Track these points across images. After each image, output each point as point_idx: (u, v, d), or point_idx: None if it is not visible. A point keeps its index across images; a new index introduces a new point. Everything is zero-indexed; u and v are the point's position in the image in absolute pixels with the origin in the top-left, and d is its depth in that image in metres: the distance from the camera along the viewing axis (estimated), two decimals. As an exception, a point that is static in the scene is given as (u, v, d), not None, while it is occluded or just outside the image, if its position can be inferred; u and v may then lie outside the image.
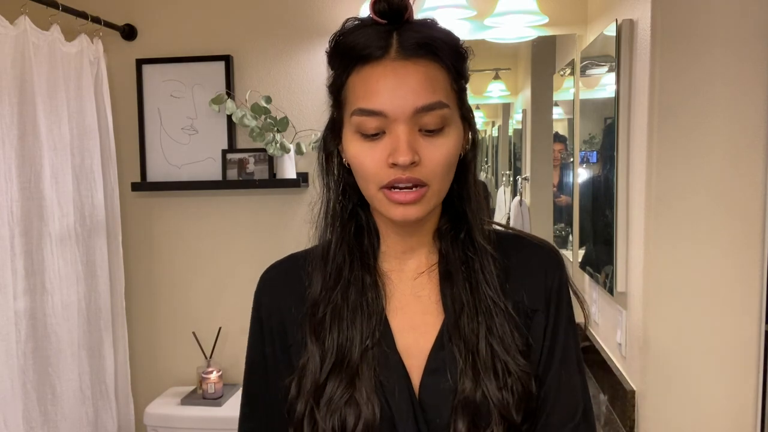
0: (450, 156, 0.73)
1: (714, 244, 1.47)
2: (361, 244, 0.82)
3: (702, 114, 1.45)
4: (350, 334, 0.78)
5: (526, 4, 2.03)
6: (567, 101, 2.25)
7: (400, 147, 0.70)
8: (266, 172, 2.22)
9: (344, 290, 0.80)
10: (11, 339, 1.77)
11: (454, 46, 0.75)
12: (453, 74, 0.74)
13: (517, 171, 2.41)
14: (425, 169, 0.72)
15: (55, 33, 1.98)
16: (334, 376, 0.76)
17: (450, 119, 0.73)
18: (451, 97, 0.73)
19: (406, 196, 0.72)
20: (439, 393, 0.77)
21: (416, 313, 0.81)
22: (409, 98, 0.70)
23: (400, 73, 0.71)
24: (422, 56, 0.72)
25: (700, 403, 1.51)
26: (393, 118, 0.71)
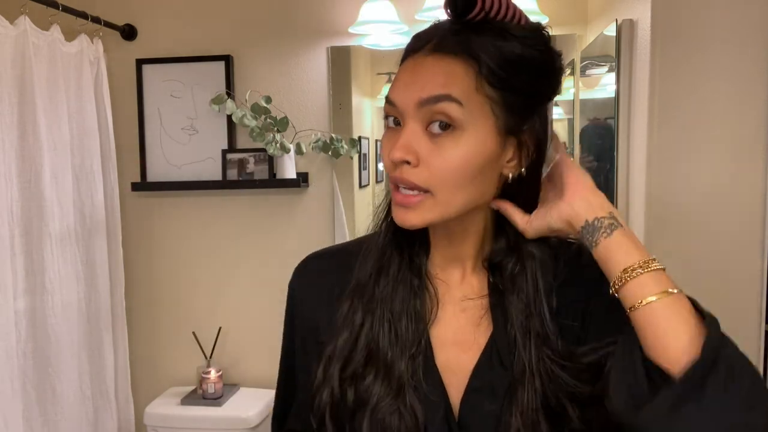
0: (459, 164, 0.66)
1: (714, 243, 1.47)
2: (412, 244, 0.77)
3: (702, 114, 1.45)
4: (393, 337, 0.74)
5: (526, 4, 2.03)
6: (567, 101, 2.25)
7: (396, 142, 0.67)
8: (266, 172, 2.22)
9: (392, 287, 0.75)
10: (11, 339, 1.77)
11: (508, 53, 0.66)
12: (486, 75, 0.66)
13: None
14: (425, 174, 0.67)
15: (55, 33, 1.98)
16: (377, 378, 0.73)
17: (463, 121, 0.66)
18: (472, 98, 0.66)
19: (403, 199, 0.68)
20: (481, 415, 0.73)
21: (460, 327, 0.77)
22: (416, 90, 0.67)
23: (420, 66, 0.68)
24: (451, 52, 0.67)
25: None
26: (402, 110, 0.68)
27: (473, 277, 0.78)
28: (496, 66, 0.66)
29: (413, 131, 0.67)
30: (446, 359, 0.75)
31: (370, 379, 0.73)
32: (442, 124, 0.66)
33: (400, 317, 0.74)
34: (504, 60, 0.66)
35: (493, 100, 0.67)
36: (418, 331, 0.74)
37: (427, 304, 0.76)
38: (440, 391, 0.74)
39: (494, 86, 0.66)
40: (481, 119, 0.67)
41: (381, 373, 0.73)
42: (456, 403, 0.74)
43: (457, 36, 0.67)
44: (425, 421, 0.72)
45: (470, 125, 0.66)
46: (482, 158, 0.67)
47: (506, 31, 0.67)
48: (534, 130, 0.70)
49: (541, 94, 0.71)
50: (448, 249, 0.78)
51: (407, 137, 0.67)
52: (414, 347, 0.73)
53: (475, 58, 0.66)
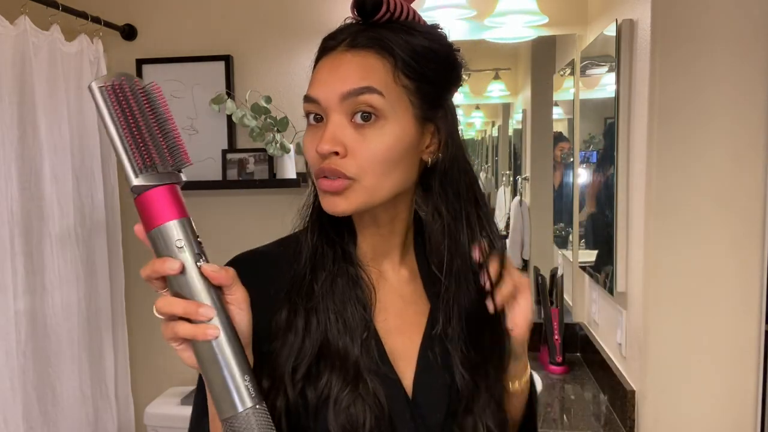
0: (384, 151, 0.70)
1: (714, 244, 1.47)
2: (342, 236, 0.80)
3: (702, 114, 1.45)
4: (341, 326, 0.75)
5: (526, 4, 2.03)
6: (567, 101, 2.25)
7: (323, 135, 0.70)
8: (266, 172, 2.22)
9: (331, 280, 0.77)
10: (11, 339, 1.77)
11: (417, 46, 0.72)
12: (401, 68, 0.71)
13: (517, 171, 2.41)
14: (351, 162, 0.70)
15: (55, 33, 1.98)
16: (333, 372, 0.73)
17: (385, 111, 0.70)
18: (391, 89, 0.70)
19: (330, 185, 0.71)
20: (433, 391, 0.77)
21: (399, 313, 0.81)
22: (338, 84, 0.70)
23: (338, 62, 0.72)
24: (367, 48, 0.71)
25: (700, 403, 1.51)
26: (325, 106, 0.71)
27: (403, 265, 0.83)
28: (409, 58, 0.71)
29: (338, 124, 0.70)
30: (393, 346, 0.78)
31: (327, 374, 0.73)
32: (365, 115, 0.70)
33: (345, 306, 0.76)
34: (415, 52, 0.72)
35: (409, 90, 0.72)
36: (364, 317, 0.76)
37: (366, 292, 0.78)
38: (393, 374, 0.77)
39: (409, 77, 0.72)
40: (400, 108, 0.71)
41: (336, 364, 0.74)
42: (409, 386, 0.77)
43: (369, 33, 0.72)
44: (388, 402, 0.74)
45: (391, 114, 0.71)
46: (404, 145, 0.72)
47: (411, 27, 0.73)
48: (448, 117, 0.76)
49: (449, 83, 0.76)
50: (376, 238, 0.80)
51: (333, 130, 0.70)
52: (364, 332, 0.76)
53: (389, 52, 0.71)
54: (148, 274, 0.63)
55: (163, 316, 0.63)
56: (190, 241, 0.63)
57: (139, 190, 0.62)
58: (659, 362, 1.51)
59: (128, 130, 0.61)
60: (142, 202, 0.63)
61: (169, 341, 0.64)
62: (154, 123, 0.63)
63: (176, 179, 0.64)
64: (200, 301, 0.62)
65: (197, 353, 0.63)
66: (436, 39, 0.74)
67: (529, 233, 2.35)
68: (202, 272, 0.62)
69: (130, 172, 0.61)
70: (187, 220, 0.64)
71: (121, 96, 0.61)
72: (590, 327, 2.14)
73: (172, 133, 0.64)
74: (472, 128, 2.54)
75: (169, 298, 0.62)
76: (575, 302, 2.24)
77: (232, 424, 0.62)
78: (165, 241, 0.63)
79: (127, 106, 0.61)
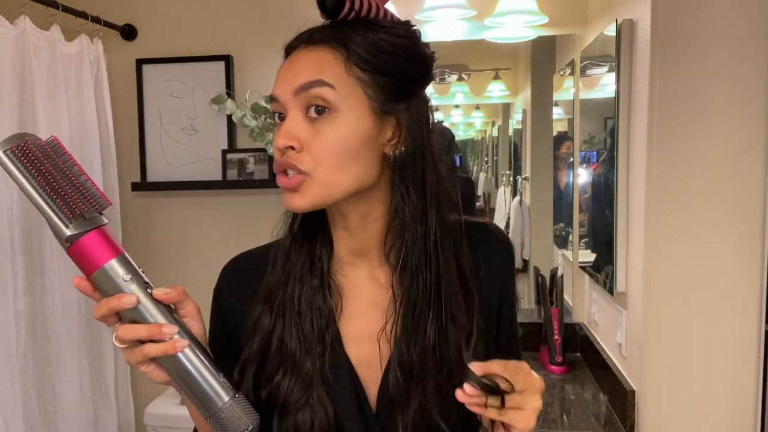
0: (337, 144, 0.70)
1: (714, 243, 1.47)
2: (314, 244, 0.80)
3: (702, 114, 1.45)
4: (300, 334, 0.76)
5: (526, 4, 2.03)
6: (567, 101, 2.25)
7: (277, 133, 0.71)
8: (266, 172, 2.22)
9: (298, 288, 0.78)
10: (11, 339, 1.77)
11: (374, 39, 0.71)
12: (354, 60, 0.70)
13: (517, 171, 2.41)
14: (306, 157, 0.70)
15: (55, 33, 1.98)
16: (285, 376, 0.75)
17: (337, 104, 0.69)
18: (343, 81, 0.70)
19: (287, 182, 0.71)
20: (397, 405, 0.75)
21: (371, 321, 0.78)
22: (291, 80, 0.71)
23: (295, 59, 0.73)
24: (320, 42, 0.72)
25: (700, 403, 1.51)
26: (283, 102, 0.72)
27: (380, 270, 0.80)
28: (363, 51, 0.71)
29: (294, 119, 0.71)
30: (359, 354, 0.78)
31: (279, 378, 0.75)
32: (318, 108, 0.70)
33: (305, 316, 0.77)
34: (371, 45, 0.71)
35: (365, 82, 0.71)
36: (321, 327, 0.76)
37: (332, 302, 0.78)
38: (351, 383, 0.76)
39: (363, 69, 0.71)
40: (354, 100, 0.71)
41: (289, 371, 0.75)
42: (373, 395, 0.76)
43: (327, 29, 0.73)
44: (338, 413, 0.74)
45: (344, 106, 0.70)
46: (359, 137, 0.71)
47: (374, 23, 0.73)
48: (411, 111, 0.74)
49: (413, 77, 0.74)
50: (350, 241, 0.79)
51: (288, 125, 0.71)
52: (320, 344, 0.76)
53: (342, 45, 0.71)
54: (103, 314, 0.65)
55: (126, 344, 0.66)
56: (135, 273, 0.66)
57: (73, 239, 0.64)
58: (659, 362, 1.51)
59: (49, 186, 0.63)
60: (79, 249, 0.64)
61: (137, 366, 0.68)
62: (69, 173, 0.64)
63: (102, 221, 0.66)
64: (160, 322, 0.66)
65: (170, 368, 0.68)
66: (400, 34, 0.73)
67: (529, 233, 2.35)
68: (154, 297, 0.67)
69: (61, 225, 0.63)
70: (124, 256, 0.66)
71: (31, 155, 0.62)
72: (590, 327, 2.14)
73: (85, 178, 0.66)
74: (472, 128, 2.54)
75: (129, 326, 0.65)
76: (575, 302, 2.24)
77: (218, 416, 0.67)
78: (112, 279, 0.65)
79: (40, 164, 0.63)
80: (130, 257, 0.67)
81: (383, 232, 0.78)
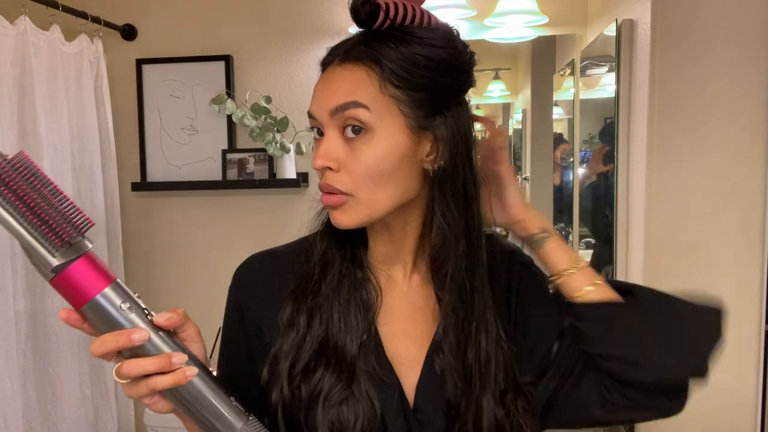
0: (374, 165, 0.70)
1: (714, 244, 1.47)
2: (352, 239, 0.80)
3: (702, 114, 1.45)
4: (342, 326, 0.75)
5: (526, 4, 2.03)
6: (567, 101, 2.25)
7: (315, 152, 0.72)
8: (266, 172, 2.22)
9: (338, 281, 0.77)
10: (11, 339, 1.77)
11: (409, 54, 0.70)
12: (388, 78, 0.69)
13: (517, 171, 2.41)
14: (345, 178, 0.71)
15: (55, 33, 1.98)
16: (328, 369, 0.74)
17: (372, 124, 0.69)
18: (378, 101, 0.69)
19: (328, 199, 0.72)
20: (435, 402, 0.76)
21: (407, 319, 0.80)
22: (326, 100, 0.71)
23: (330, 77, 0.72)
24: (355, 60, 0.71)
25: (700, 402, 1.50)
26: (319, 120, 0.72)
27: (415, 272, 0.81)
28: (397, 67, 0.70)
29: (331, 139, 0.71)
30: (396, 351, 0.78)
31: (321, 371, 0.74)
32: (355, 128, 0.70)
33: (348, 307, 0.76)
34: (405, 60, 0.70)
35: (399, 100, 0.70)
36: (366, 319, 0.76)
37: (372, 295, 0.78)
38: (393, 379, 0.76)
39: (398, 86, 0.70)
40: (389, 119, 0.70)
41: (332, 363, 0.74)
42: (410, 392, 0.76)
43: (362, 45, 0.71)
44: (381, 406, 0.74)
45: (380, 126, 0.70)
46: (396, 156, 0.71)
47: (409, 34, 0.71)
48: (448, 124, 0.73)
49: (450, 89, 0.73)
50: (389, 245, 0.80)
51: (326, 145, 0.71)
52: (364, 334, 0.76)
53: (377, 62, 0.70)
54: (108, 351, 0.60)
55: (130, 379, 0.62)
56: (132, 300, 0.60)
57: (60, 269, 0.56)
58: (659, 362, 1.51)
59: (31, 212, 0.55)
60: (66, 279, 0.56)
61: (140, 399, 0.64)
62: (47, 193, 0.56)
63: (87, 246, 0.58)
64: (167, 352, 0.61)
65: (179, 397, 0.64)
66: (436, 44, 0.71)
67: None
68: (155, 324, 0.62)
69: (47, 254, 0.56)
70: (117, 282, 0.59)
71: (6, 178, 0.54)
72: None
73: (63, 196, 0.57)
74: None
75: (134, 361, 0.61)
76: (575, 302, 2.23)
77: None
78: (107, 310, 0.58)
79: (17, 187, 0.54)
80: (122, 282, 0.60)
81: (419, 238, 0.80)
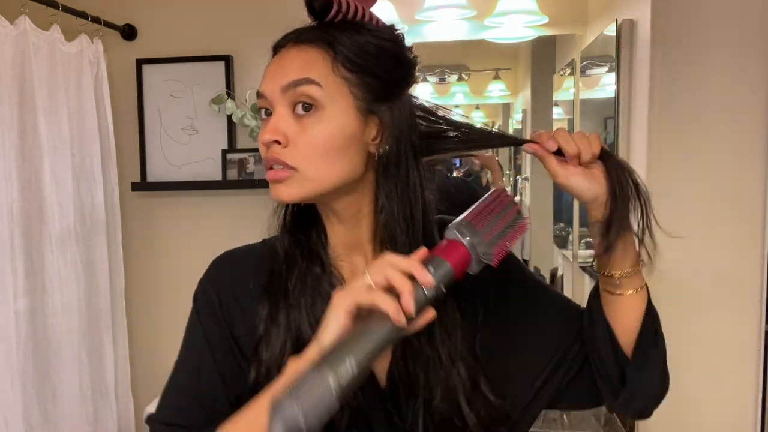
0: (323, 140, 0.72)
1: (714, 244, 1.47)
2: (309, 235, 0.82)
3: (702, 114, 1.45)
4: (312, 321, 0.76)
5: (526, 4, 2.03)
6: (567, 101, 2.25)
7: (263, 128, 0.74)
8: (266, 172, 2.22)
9: (302, 279, 0.79)
10: (11, 339, 1.77)
11: (361, 41, 0.74)
12: (341, 60, 0.73)
13: (517, 171, 2.41)
14: (293, 153, 0.73)
15: (55, 33, 1.98)
16: None
17: (323, 101, 0.72)
18: (330, 80, 0.73)
19: (275, 174, 0.74)
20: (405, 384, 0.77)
21: None
22: (279, 77, 0.73)
23: (283, 57, 0.76)
24: (309, 42, 0.75)
25: (700, 402, 1.51)
26: (270, 99, 0.74)
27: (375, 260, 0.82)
28: (349, 52, 0.74)
29: (281, 115, 0.73)
30: None
31: None
32: (306, 105, 0.73)
33: (314, 302, 0.78)
34: (357, 47, 0.74)
35: (350, 82, 0.74)
36: None
37: (337, 287, 0.79)
38: None
39: (350, 69, 0.74)
40: (340, 99, 0.73)
41: None
42: (382, 377, 0.78)
43: (315, 29, 0.76)
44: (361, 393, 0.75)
45: (330, 104, 0.73)
46: (345, 134, 0.74)
47: (361, 26, 0.76)
48: (394, 112, 0.76)
49: (396, 80, 0.77)
50: (345, 235, 0.81)
51: (275, 120, 0.73)
52: None
53: (330, 45, 0.74)
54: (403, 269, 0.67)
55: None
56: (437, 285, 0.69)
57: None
58: (659, 362, 1.51)
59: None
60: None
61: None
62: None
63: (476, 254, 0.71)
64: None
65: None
66: (385, 37, 0.76)
67: (529, 233, 2.35)
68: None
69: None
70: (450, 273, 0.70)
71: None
72: (590, 327, 2.14)
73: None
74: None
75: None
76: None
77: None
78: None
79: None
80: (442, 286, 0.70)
81: (374, 226, 0.81)
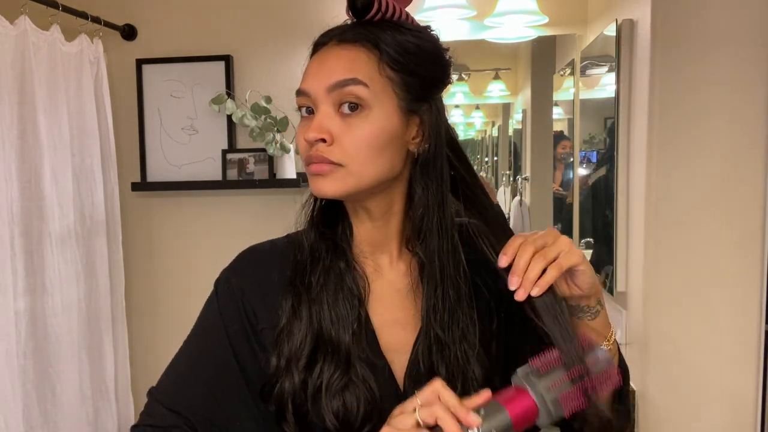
0: (368, 139, 0.73)
1: (714, 243, 1.47)
2: (335, 231, 0.83)
3: (702, 114, 1.45)
4: (334, 317, 0.78)
5: (526, 4, 2.03)
6: (567, 101, 2.25)
7: (311, 125, 0.74)
8: (266, 172, 2.22)
9: (325, 274, 0.80)
10: (11, 339, 1.77)
11: (403, 42, 0.75)
12: (386, 60, 0.74)
13: (517, 171, 2.41)
14: (337, 150, 0.73)
15: (55, 33, 1.97)
16: (326, 360, 0.77)
17: (370, 101, 0.73)
18: (376, 80, 0.74)
19: (318, 168, 0.74)
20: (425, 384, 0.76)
21: (396, 306, 0.82)
22: (325, 77, 0.74)
23: (326, 56, 0.76)
24: (354, 42, 0.75)
25: (701, 402, 1.51)
26: (314, 97, 0.75)
27: (400, 260, 0.84)
28: (394, 52, 0.75)
29: (326, 113, 0.74)
30: (387, 337, 0.80)
31: (321, 362, 0.77)
32: (352, 105, 0.73)
33: (336, 298, 0.79)
34: (401, 47, 0.75)
35: (394, 82, 0.75)
36: (354, 307, 0.79)
37: (360, 284, 0.81)
38: (384, 362, 0.79)
39: (394, 69, 0.75)
40: (385, 99, 0.75)
41: (329, 354, 0.77)
42: (400, 377, 0.79)
43: (358, 29, 0.77)
44: (379, 390, 0.76)
45: (376, 104, 0.74)
46: (388, 133, 0.75)
47: (400, 25, 0.77)
48: (433, 111, 0.78)
49: (436, 79, 0.79)
50: (373, 233, 0.82)
51: (321, 119, 0.74)
52: (355, 323, 0.78)
53: (375, 45, 0.75)
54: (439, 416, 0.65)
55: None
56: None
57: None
58: (659, 362, 1.51)
59: None
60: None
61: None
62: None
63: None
64: None
65: None
66: (424, 38, 0.77)
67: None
68: None
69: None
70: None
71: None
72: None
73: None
74: (472, 128, 2.54)
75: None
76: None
77: None
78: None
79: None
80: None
81: (403, 224, 0.83)
